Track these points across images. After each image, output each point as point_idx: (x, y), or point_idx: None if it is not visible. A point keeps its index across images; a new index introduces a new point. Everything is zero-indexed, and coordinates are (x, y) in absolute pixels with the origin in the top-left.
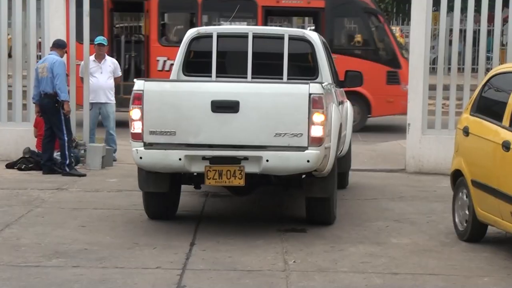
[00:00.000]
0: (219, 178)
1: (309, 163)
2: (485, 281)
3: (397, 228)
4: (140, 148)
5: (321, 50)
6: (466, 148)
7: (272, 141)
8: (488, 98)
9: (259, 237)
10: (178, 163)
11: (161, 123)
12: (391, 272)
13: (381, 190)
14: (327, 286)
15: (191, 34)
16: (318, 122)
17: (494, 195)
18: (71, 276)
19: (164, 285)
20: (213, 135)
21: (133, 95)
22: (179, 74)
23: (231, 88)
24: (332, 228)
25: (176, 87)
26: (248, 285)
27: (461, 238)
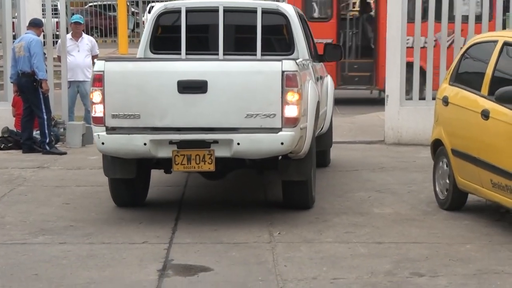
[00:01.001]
0: (188, 163)
1: (283, 145)
2: (467, 248)
3: (379, 198)
4: (102, 133)
5: (296, 23)
6: (446, 117)
7: (243, 122)
8: (467, 68)
9: (244, 210)
10: (143, 148)
11: (124, 105)
12: (375, 241)
13: (361, 161)
14: (313, 257)
15: (158, 9)
16: (293, 102)
17: (474, 163)
18: (59, 253)
19: (152, 259)
20: (180, 118)
21: (93, 76)
22: (146, 52)
23: (199, 67)
24: (316, 198)
25: (139, 67)
26: (235, 257)
27: (442, 207)
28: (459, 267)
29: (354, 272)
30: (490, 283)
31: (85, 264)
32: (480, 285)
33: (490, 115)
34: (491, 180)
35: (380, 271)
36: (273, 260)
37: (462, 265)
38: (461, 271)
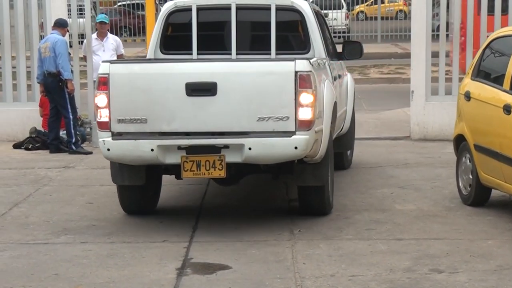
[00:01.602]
0: (198, 169)
1: (297, 150)
2: (489, 244)
3: (402, 195)
4: (108, 139)
5: (312, 20)
6: (468, 113)
7: (255, 126)
8: (489, 62)
9: (266, 209)
10: (150, 154)
11: (131, 110)
12: (395, 238)
13: (386, 157)
14: (332, 254)
15: (168, 7)
16: (307, 103)
17: (496, 158)
18: (80, 252)
19: (171, 258)
20: (189, 122)
21: (98, 79)
22: (156, 52)
23: (208, 68)
24: (337, 196)
25: (146, 69)
26: (254, 255)
27: (465, 203)
28: (479, 263)
29: (373, 269)
30: (510, 279)
31: (105, 263)
32: (500, 281)
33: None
34: None
35: (399, 268)
36: (292, 258)
37: (483, 261)
38: (481, 267)
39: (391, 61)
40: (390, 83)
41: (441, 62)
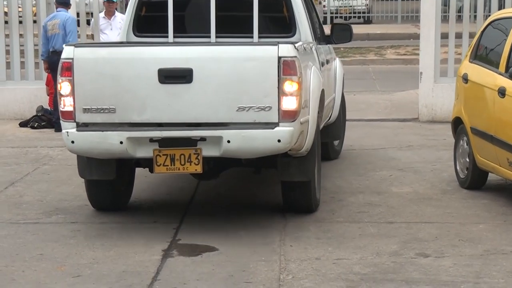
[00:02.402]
0: (172, 164)
1: (280, 143)
2: (480, 228)
3: (400, 177)
4: (72, 130)
5: (298, 1)
6: (465, 95)
7: (234, 117)
8: (486, 45)
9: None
10: (119, 147)
11: (97, 98)
12: (386, 221)
13: (391, 139)
14: (320, 236)
15: None
16: (291, 92)
17: (491, 142)
18: (68, 232)
19: (159, 240)
20: (162, 112)
21: (61, 64)
22: (129, 35)
23: (182, 53)
24: (334, 178)
25: (114, 53)
26: (242, 237)
27: (462, 186)
28: (467, 247)
29: (359, 252)
30: (495, 264)
31: (91, 244)
32: (485, 266)
33: (506, 93)
34: (507, 159)
35: (386, 252)
36: (279, 240)
37: (471, 245)
38: (468, 252)
39: (409, 42)
40: (406, 64)
41: (451, 43)
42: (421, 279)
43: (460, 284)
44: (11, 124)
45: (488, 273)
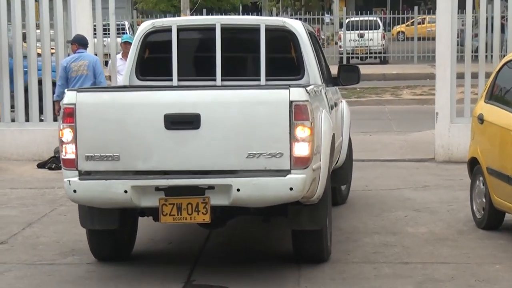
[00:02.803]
0: (178, 213)
1: (292, 191)
2: (497, 268)
3: (416, 218)
4: (74, 179)
5: (306, 42)
6: (481, 135)
7: (244, 164)
8: (502, 85)
9: (274, 233)
10: (123, 196)
11: (101, 145)
12: (402, 261)
13: (406, 179)
14: (335, 277)
15: (145, 27)
16: (303, 138)
17: (508, 182)
18: (84, 273)
19: (174, 280)
20: (168, 159)
21: (63, 110)
22: (132, 78)
23: (189, 98)
24: (349, 218)
25: (118, 98)
26: (257, 277)
27: (479, 226)
28: (483, 287)
29: None
30: None
31: (106, 285)
32: None
33: None
34: None
35: None
36: (294, 281)
37: (487, 285)
38: None
39: (425, 82)
40: (422, 104)
41: (467, 83)
42: None
43: None
44: (29, 166)
45: None
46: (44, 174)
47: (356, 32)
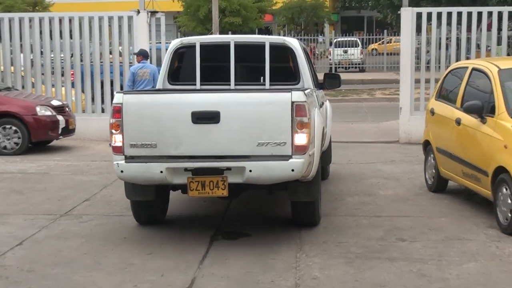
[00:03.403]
0: (202, 189)
1: (293, 172)
2: (442, 220)
3: (385, 184)
4: (121, 162)
5: (301, 55)
6: (432, 124)
7: (255, 150)
8: (447, 87)
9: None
10: (159, 175)
11: (142, 135)
12: (375, 215)
13: (378, 156)
14: (327, 226)
15: (175, 44)
16: (302, 130)
17: (451, 158)
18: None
19: (208, 228)
20: (194, 146)
21: (112, 108)
22: (165, 83)
23: (211, 98)
24: (337, 184)
25: (155, 99)
26: (269, 228)
27: (430, 190)
28: (433, 234)
29: (355, 237)
30: (453, 247)
31: (161, 229)
32: (445, 248)
33: (461, 122)
34: (462, 171)
35: (374, 237)
36: (297, 231)
37: (436, 233)
38: (433, 238)
39: (392, 85)
40: (390, 102)
41: (422, 87)
42: (399, 257)
43: (427, 260)
44: (104, 145)
45: (448, 253)
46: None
47: (341, 49)
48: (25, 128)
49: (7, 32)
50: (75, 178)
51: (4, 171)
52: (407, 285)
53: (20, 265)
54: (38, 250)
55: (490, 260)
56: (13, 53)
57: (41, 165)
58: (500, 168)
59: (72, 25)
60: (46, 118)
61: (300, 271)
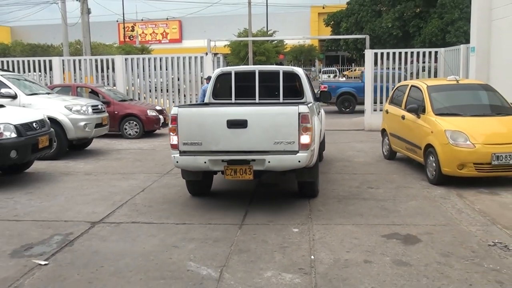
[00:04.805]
0: (235, 174)
1: (300, 162)
2: (394, 176)
3: (358, 155)
4: (177, 155)
5: (305, 79)
6: (387, 119)
7: (272, 147)
8: (396, 96)
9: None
10: (204, 164)
11: (191, 136)
12: (352, 173)
13: (352, 138)
14: (324, 180)
15: (217, 72)
16: (306, 133)
17: (398, 139)
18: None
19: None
20: (228, 144)
21: (171, 117)
22: (210, 98)
23: (241, 111)
24: (329, 154)
25: (201, 111)
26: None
27: (385, 158)
28: (389, 184)
29: (342, 186)
30: (401, 192)
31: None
32: (397, 192)
33: (405, 117)
34: (405, 146)
35: (354, 186)
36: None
37: (390, 183)
38: (389, 186)
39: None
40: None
41: (378, 95)
42: (370, 198)
43: (386, 200)
44: None
45: (398, 195)
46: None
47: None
48: (141, 123)
49: (129, 66)
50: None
51: (130, 148)
52: (376, 214)
53: (144, 203)
54: (153, 194)
55: (424, 200)
56: (133, 79)
57: (150, 145)
58: (428, 145)
59: (167, 62)
60: (153, 116)
61: (310, 207)
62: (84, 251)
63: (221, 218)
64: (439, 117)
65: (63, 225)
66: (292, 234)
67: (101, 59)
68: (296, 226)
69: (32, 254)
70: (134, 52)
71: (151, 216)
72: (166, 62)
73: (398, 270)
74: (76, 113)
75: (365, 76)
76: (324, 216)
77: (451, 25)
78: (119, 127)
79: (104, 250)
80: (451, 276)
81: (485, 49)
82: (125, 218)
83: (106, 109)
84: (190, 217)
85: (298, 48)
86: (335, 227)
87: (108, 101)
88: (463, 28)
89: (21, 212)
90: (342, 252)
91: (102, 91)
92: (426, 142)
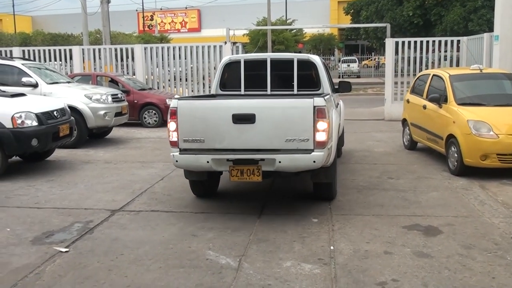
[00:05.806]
0: (241, 175)
1: (315, 163)
2: (414, 167)
3: (378, 144)
4: (176, 153)
5: (322, 68)
6: (408, 108)
7: (283, 145)
8: (418, 85)
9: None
10: (206, 164)
11: (192, 133)
12: (373, 163)
13: (372, 127)
14: (344, 170)
15: (225, 60)
16: (322, 129)
17: (419, 129)
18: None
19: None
20: (234, 142)
21: (170, 111)
22: (217, 89)
23: (248, 104)
24: (349, 144)
25: (203, 103)
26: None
27: (406, 148)
28: (410, 175)
29: (362, 177)
30: (422, 182)
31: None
32: (418, 182)
33: (427, 107)
34: (426, 136)
35: (374, 176)
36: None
37: (412, 174)
38: (410, 177)
39: (378, 86)
40: (378, 95)
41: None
42: (390, 188)
43: (407, 190)
44: None
45: (419, 186)
46: None
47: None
48: (160, 112)
49: (148, 55)
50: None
51: (149, 136)
52: (397, 205)
53: (163, 191)
54: (172, 183)
55: (445, 190)
56: (152, 68)
57: None
58: (450, 135)
59: (186, 51)
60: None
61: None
62: (104, 238)
63: (240, 208)
64: (461, 106)
65: (83, 212)
66: (311, 224)
67: (120, 48)
68: (315, 216)
69: (53, 241)
70: (153, 42)
71: (170, 204)
72: (185, 51)
73: (419, 262)
74: (96, 102)
75: (386, 63)
76: (343, 207)
77: (474, 13)
78: (139, 116)
79: (124, 238)
80: (474, 268)
81: (509, 37)
82: (145, 207)
83: (126, 98)
84: (208, 206)
85: (318, 37)
86: (355, 217)
87: (128, 90)
88: (486, 16)
89: (42, 199)
90: (362, 243)
91: (121, 80)
92: (448, 132)
